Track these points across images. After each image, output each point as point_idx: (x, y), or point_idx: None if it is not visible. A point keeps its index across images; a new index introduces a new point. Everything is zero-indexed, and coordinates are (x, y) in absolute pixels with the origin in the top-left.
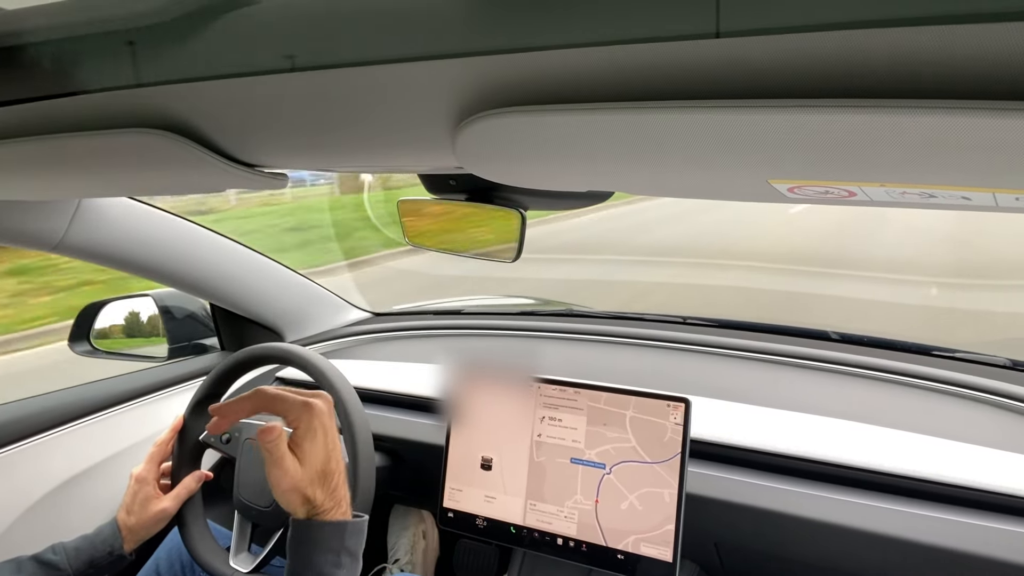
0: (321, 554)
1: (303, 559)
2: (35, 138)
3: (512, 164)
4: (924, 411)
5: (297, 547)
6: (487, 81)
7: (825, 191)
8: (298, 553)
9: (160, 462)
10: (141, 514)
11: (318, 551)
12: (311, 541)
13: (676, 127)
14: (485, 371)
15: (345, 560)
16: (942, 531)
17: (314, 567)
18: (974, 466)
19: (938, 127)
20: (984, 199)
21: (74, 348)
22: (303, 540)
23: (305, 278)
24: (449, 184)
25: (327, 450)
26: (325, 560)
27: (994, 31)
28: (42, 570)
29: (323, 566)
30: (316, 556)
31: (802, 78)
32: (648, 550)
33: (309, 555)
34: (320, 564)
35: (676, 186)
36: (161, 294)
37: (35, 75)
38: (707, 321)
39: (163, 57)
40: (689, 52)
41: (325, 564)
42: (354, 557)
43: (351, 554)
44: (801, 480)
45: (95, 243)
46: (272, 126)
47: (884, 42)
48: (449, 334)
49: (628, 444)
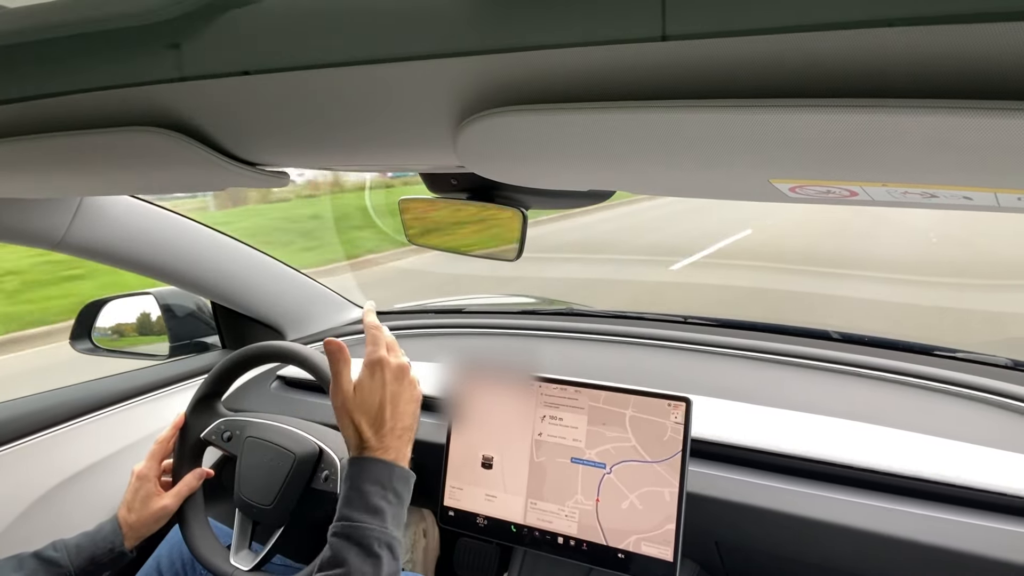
0: (369, 484)
1: (354, 487)
2: (37, 136)
3: (513, 163)
4: (925, 411)
5: (349, 478)
6: (489, 80)
7: (827, 191)
8: (350, 482)
9: (161, 459)
10: (142, 511)
11: (366, 481)
12: (361, 471)
13: (678, 126)
14: (486, 370)
15: (391, 498)
16: (943, 531)
17: (363, 494)
18: (975, 466)
19: (940, 127)
20: (986, 199)
21: (75, 346)
22: (354, 472)
23: (306, 276)
24: (451, 183)
25: (383, 398)
26: (373, 491)
27: (996, 31)
28: (43, 567)
29: (371, 496)
30: (365, 485)
31: (804, 78)
32: (649, 549)
33: (359, 483)
34: (368, 493)
35: (677, 185)
36: (163, 292)
37: (37, 73)
38: (708, 320)
39: (165, 55)
40: (692, 51)
41: (372, 494)
42: (400, 500)
43: (398, 495)
44: (802, 480)
45: (96, 241)
46: (274, 124)
47: (886, 42)
48: (450, 333)
49: (628, 443)
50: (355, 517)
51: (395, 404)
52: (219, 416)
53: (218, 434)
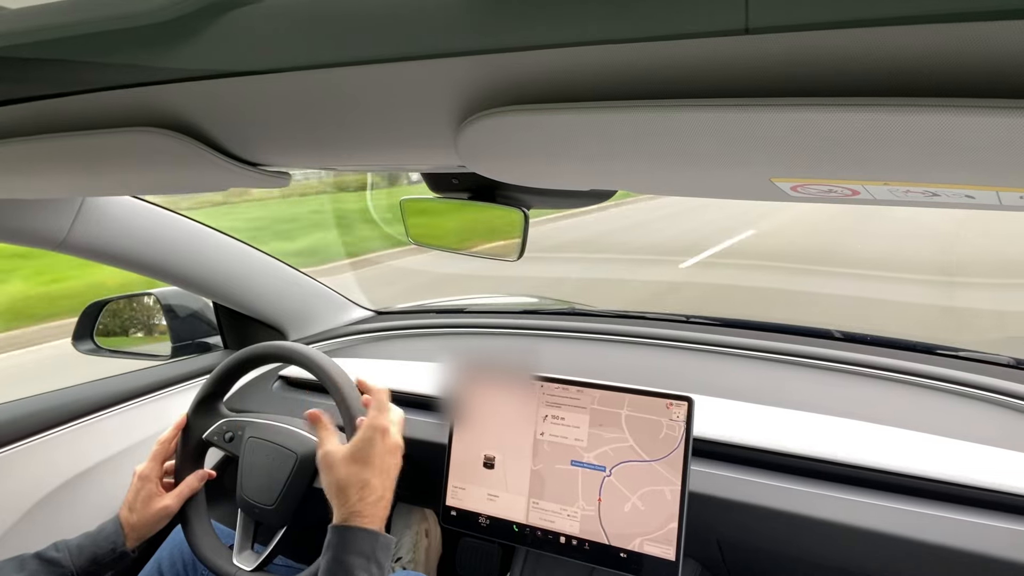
0: (354, 556)
1: (337, 559)
2: (39, 137)
3: (515, 163)
4: (928, 410)
5: (332, 548)
6: (490, 80)
7: (828, 190)
8: (332, 553)
9: (163, 460)
10: (143, 512)
11: (351, 553)
12: (346, 542)
13: (679, 126)
14: (488, 370)
15: (375, 570)
16: (946, 530)
17: (347, 567)
18: (977, 465)
19: (942, 126)
20: (988, 197)
21: (78, 346)
22: (338, 542)
23: (308, 276)
24: (452, 183)
25: (372, 466)
26: (358, 563)
27: (997, 29)
28: (45, 567)
29: (355, 569)
30: (350, 557)
31: (804, 77)
32: (651, 548)
33: (343, 556)
34: (352, 566)
35: (678, 185)
36: (165, 292)
37: (39, 74)
38: (710, 320)
39: (166, 56)
40: (691, 51)
41: (357, 567)
42: (382, 570)
43: (380, 566)
44: (805, 479)
45: (98, 242)
46: (275, 125)
47: (888, 40)
48: (452, 333)
49: (626, 444)
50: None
51: (386, 476)
52: (221, 417)
53: (220, 435)
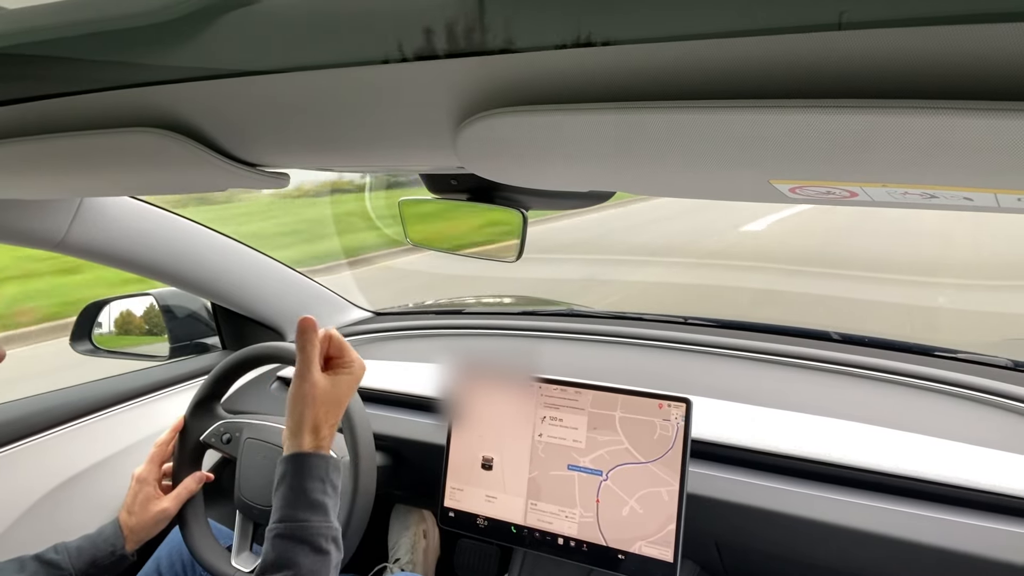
0: (311, 480)
1: (294, 485)
2: (37, 137)
3: (514, 164)
4: (925, 411)
5: (288, 476)
6: (489, 81)
7: (827, 191)
8: (289, 480)
9: (161, 463)
10: (142, 515)
11: (307, 477)
12: (302, 467)
13: (677, 127)
14: (486, 371)
15: (330, 491)
16: (943, 531)
17: (306, 492)
18: (975, 467)
19: (941, 128)
20: (986, 200)
21: (76, 347)
22: (294, 469)
23: (306, 277)
24: (451, 184)
25: (343, 404)
26: (315, 487)
27: (997, 31)
28: (44, 569)
29: (313, 492)
30: (307, 482)
31: (804, 78)
32: (649, 550)
33: (301, 480)
34: (311, 490)
35: (677, 186)
36: (163, 293)
37: (37, 74)
38: (708, 321)
39: (165, 56)
40: (690, 52)
41: (315, 491)
42: (336, 490)
43: (335, 486)
44: (802, 480)
45: (97, 242)
46: (273, 125)
47: (887, 42)
48: (450, 334)
49: (621, 446)
50: (299, 516)
51: (344, 406)
52: (218, 418)
53: (217, 436)
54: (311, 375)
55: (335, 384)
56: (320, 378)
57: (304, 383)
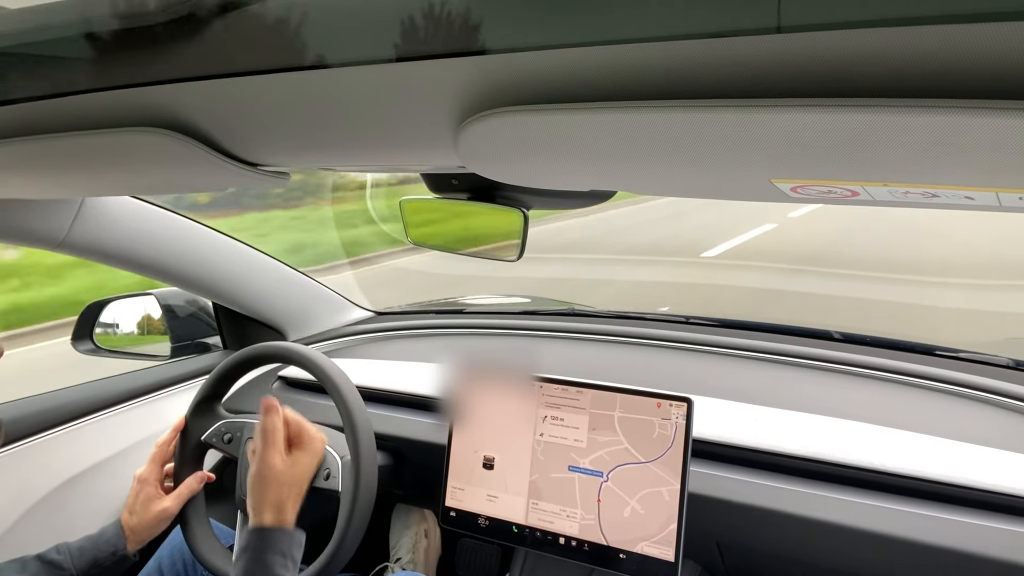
0: (272, 555)
1: (257, 559)
2: (38, 137)
3: (515, 163)
4: (927, 411)
5: (251, 549)
6: (490, 80)
7: (828, 191)
8: (251, 554)
9: (162, 463)
10: (143, 515)
11: (270, 552)
12: (266, 543)
13: (679, 126)
14: (487, 370)
15: (290, 564)
16: (945, 531)
17: (267, 567)
18: (977, 466)
19: (942, 127)
20: (987, 199)
21: (77, 347)
22: (257, 544)
23: (307, 277)
24: (451, 183)
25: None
26: (276, 561)
27: (999, 31)
28: (46, 570)
29: (274, 567)
30: (268, 556)
31: (805, 77)
32: (650, 550)
33: (263, 555)
34: (272, 563)
35: (678, 185)
36: (164, 293)
37: (38, 74)
38: (710, 321)
39: (165, 55)
40: (691, 52)
41: (276, 565)
42: (295, 564)
43: (295, 560)
44: (804, 480)
45: (98, 241)
46: (274, 125)
47: (888, 41)
48: (451, 333)
49: (621, 446)
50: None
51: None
52: (219, 418)
53: (219, 436)
54: (271, 458)
55: (295, 463)
56: (279, 460)
57: (264, 465)
